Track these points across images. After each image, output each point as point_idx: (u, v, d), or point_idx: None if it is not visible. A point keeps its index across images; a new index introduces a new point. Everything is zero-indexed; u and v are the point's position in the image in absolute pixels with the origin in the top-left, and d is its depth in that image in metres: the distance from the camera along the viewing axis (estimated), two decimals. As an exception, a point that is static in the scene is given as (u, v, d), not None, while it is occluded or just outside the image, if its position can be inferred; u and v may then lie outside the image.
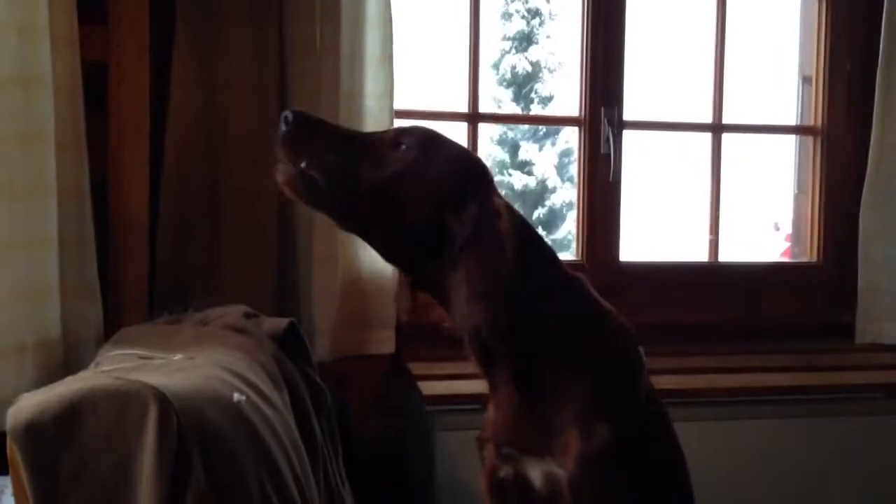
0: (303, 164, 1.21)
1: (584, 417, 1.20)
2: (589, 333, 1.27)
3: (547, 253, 1.30)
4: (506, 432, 1.26)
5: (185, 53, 2.01)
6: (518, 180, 11.81)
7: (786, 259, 2.96)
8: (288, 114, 1.24)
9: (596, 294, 1.31)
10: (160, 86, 1.99)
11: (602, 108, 2.42)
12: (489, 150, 11.76)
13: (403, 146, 1.23)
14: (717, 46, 2.55)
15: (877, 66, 2.42)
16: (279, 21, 2.06)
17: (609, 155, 2.42)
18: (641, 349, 1.31)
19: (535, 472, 1.22)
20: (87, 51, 1.69)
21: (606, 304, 1.32)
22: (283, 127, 1.23)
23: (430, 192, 1.22)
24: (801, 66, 2.73)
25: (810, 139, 2.64)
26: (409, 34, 2.49)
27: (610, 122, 2.42)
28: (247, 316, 1.59)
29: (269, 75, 2.06)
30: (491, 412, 1.30)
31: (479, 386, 2.08)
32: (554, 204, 11.70)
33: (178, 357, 1.28)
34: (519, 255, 1.20)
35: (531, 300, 1.20)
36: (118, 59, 1.76)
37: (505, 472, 1.26)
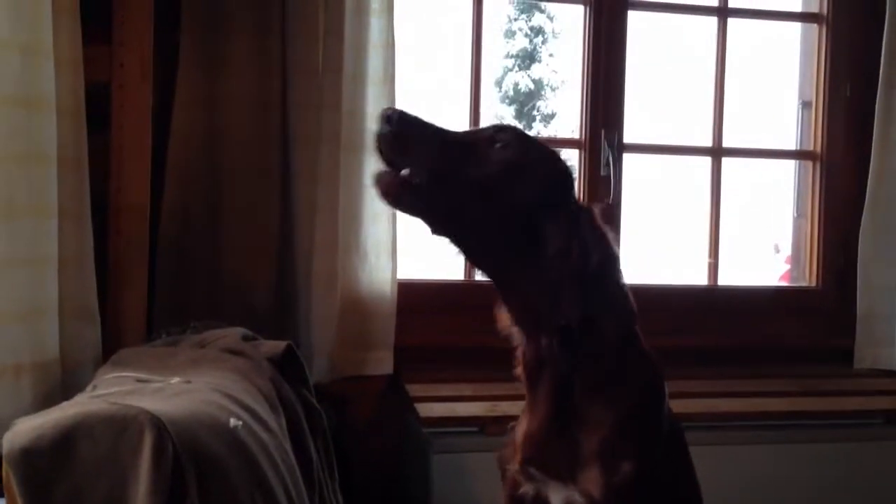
0: (405, 171, 1.18)
1: (611, 449, 1.21)
2: (630, 362, 1.29)
3: (621, 275, 1.31)
4: (534, 448, 1.26)
5: (189, 72, 2.03)
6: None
7: (785, 283, 2.96)
8: (391, 112, 1.20)
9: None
10: (163, 102, 2.00)
11: (602, 131, 2.43)
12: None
13: (499, 144, 1.24)
14: (717, 70, 2.56)
15: (876, 91, 2.43)
16: (282, 40, 2.08)
17: (609, 177, 2.43)
18: (664, 381, 1.32)
19: (557, 498, 1.23)
20: (91, 71, 1.69)
21: (641, 335, 1.33)
22: (384, 127, 1.19)
23: (529, 188, 1.23)
24: (801, 90, 2.73)
25: (809, 164, 2.64)
26: (411, 53, 2.50)
27: (610, 145, 2.43)
28: (245, 338, 1.59)
29: (272, 93, 2.07)
30: (523, 426, 1.31)
31: (476, 409, 2.09)
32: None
33: (175, 380, 1.28)
34: (613, 268, 1.25)
35: (603, 314, 1.23)
36: (121, 81, 1.77)
37: (525, 489, 1.26)
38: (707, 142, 2.58)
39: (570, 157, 2.49)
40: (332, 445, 1.64)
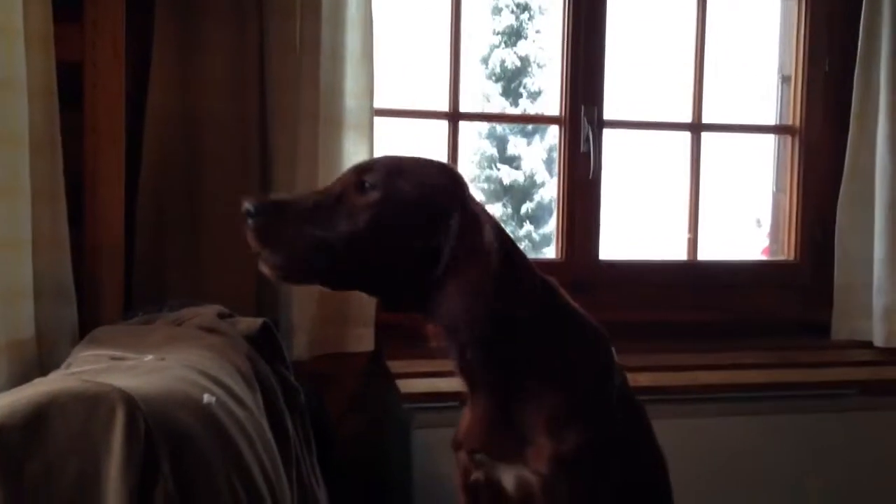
0: (285, 251, 1.18)
1: (556, 423, 1.21)
2: (563, 339, 1.28)
3: (522, 259, 1.30)
4: (479, 438, 1.27)
5: (164, 51, 2.02)
6: (506, 175, 11.80)
7: (766, 257, 2.98)
8: (249, 205, 1.19)
9: (568, 297, 1.32)
10: (138, 84, 1.99)
11: (582, 107, 2.43)
12: (477, 145, 11.76)
13: (368, 185, 1.21)
14: (697, 46, 2.56)
15: (854, 66, 2.44)
16: (259, 18, 2.07)
17: (589, 153, 2.44)
18: (613, 350, 1.32)
19: (508, 478, 1.23)
20: (62, 51, 1.68)
21: (578, 308, 1.33)
22: (248, 221, 1.19)
23: (409, 222, 1.20)
24: (781, 65, 2.74)
25: (788, 138, 2.65)
26: (392, 31, 2.49)
27: (590, 121, 2.43)
28: (221, 316, 1.60)
29: (249, 72, 2.07)
30: (466, 417, 1.31)
31: (457, 384, 2.10)
32: (542, 199, 11.71)
33: (149, 358, 1.29)
34: (500, 263, 1.20)
35: (511, 307, 1.20)
36: (93, 59, 1.75)
37: (476, 476, 1.27)
38: (687, 117, 2.59)
39: (552, 133, 2.49)
40: (311, 422, 1.65)
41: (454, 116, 2.43)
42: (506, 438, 1.24)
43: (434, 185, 1.23)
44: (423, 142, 2.70)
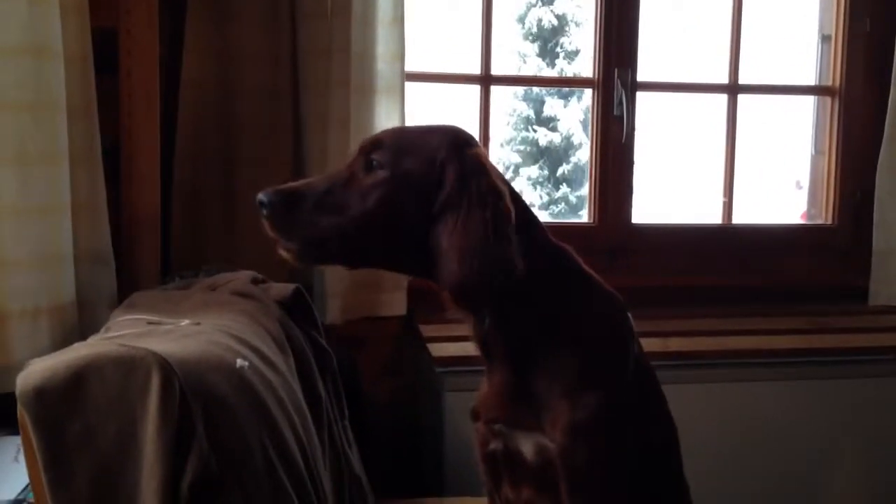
0: (300, 239, 1.22)
1: (573, 390, 1.21)
2: (578, 305, 1.28)
3: (535, 221, 1.29)
4: (496, 408, 1.27)
5: (197, 19, 2.03)
6: (543, 136, 11.70)
7: (804, 221, 2.94)
8: (263, 197, 1.21)
9: (583, 263, 1.31)
10: (173, 53, 2.01)
11: (616, 70, 2.41)
12: (514, 106, 11.65)
13: (375, 162, 1.22)
14: (734, 4, 2.51)
15: (896, 25, 2.39)
16: (290, -17, 2.07)
17: (622, 117, 2.41)
18: (630, 317, 1.32)
19: (526, 446, 1.24)
20: (97, 18, 1.70)
21: (594, 274, 1.32)
22: (263, 212, 1.21)
23: (416, 194, 1.20)
24: (821, 24, 2.68)
25: (828, 100, 2.60)
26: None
27: (623, 84, 2.40)
28: (254, 281, 1.62)
29: (281, 40, 2.07)
30: (484, 387, 1.32)
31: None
32: (579, 161, 11.62)
33: (185, 323, 1.31)
34: (510, 206, 1.19)
35: (521, 264, 1.18)
36: (128, 26, 1.77)
37: (494, 445, 1.28)
38: (724, 79, 2.55)
39: (589, 94, 2.46)
40: (343, 385, 1.68)
41: (486, 80, 2.42)
42: (523, 407, 1.24)
43: (434, 150, 1.23)
44: (456, 105, 2.70)
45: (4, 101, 1.48)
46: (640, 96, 2.44)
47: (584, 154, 11.47)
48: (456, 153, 1.22)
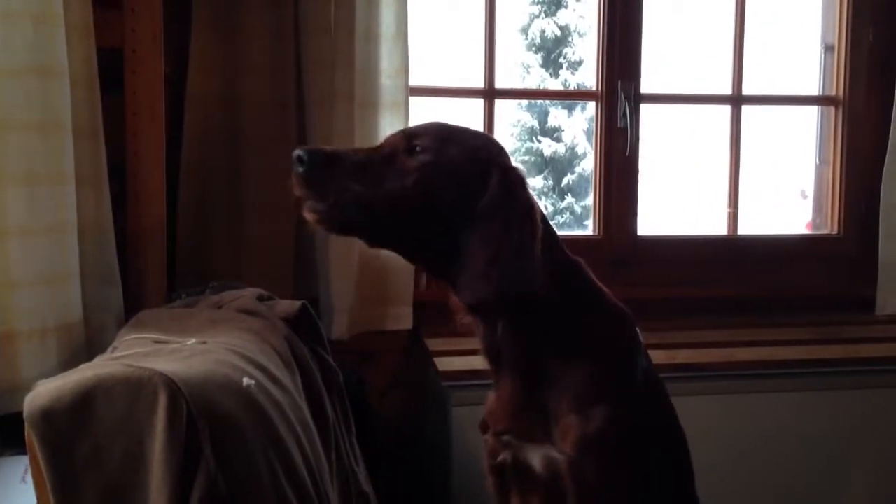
0: (330, 201, 1.21)
1: (583, 403, 1.22)
2: (589, 317, 1.28)
3: (554, 235, 1.31)
4: (505, 420, 1.28)
5: (203, 35, 2.04)
6: (547, 147, 11.70)
7: (810, 230, 2.93)
8: (301, 153, 1.21)
9: (594, 277, 1.32)
10: (178, 68, 2.02)
11: (619, 82, 2.41)
12: (518, 117, 11.66)
13: (418, 148, 1.23)
14: (736, 15, 2.51)
15: (899, 35, 2.39)
16: (295, 0, 2.08)
17: (626, 129, 2.42)
18: (638, 330, 1.32)
19: (535, 458, 1.24)
20: (102, 37, 1.71)
21: (604, 288, 1.33)
22: (298, 168, 1.21)
23: (456, 186, 1.22)
24: (824, 34, 2.68)
25: (831, 109, 2.60)
26: (427, 6, 2.48)
27: (627, 96, 2.41)
28: (260, 298, 1.62)
29: (286, 54, 2.09)
30: (492, 399, 1.32)
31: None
32: (584, 171, 11.62)
33: (191, 341, 1.32)
34: (542, 222, 1.22)
35: (542, 280, 1.20)
36: (133, 45, 1.78)
37: (503, 457, 1.28)
38: (727, 90, 2.55)
39: (593, 104, 2.47)
40: (349, 401, 1.68)
41: (490, 94, 2.42)
42: (532, 419, 1.25)
43: (479, 149, 1.26)
44: (460, 118, 2.70)
45: (11, 121, 1.49)
46: (644, 108, 2.44)
47: (588, 164, 11.46)
48: (501, 159, 1.25)
